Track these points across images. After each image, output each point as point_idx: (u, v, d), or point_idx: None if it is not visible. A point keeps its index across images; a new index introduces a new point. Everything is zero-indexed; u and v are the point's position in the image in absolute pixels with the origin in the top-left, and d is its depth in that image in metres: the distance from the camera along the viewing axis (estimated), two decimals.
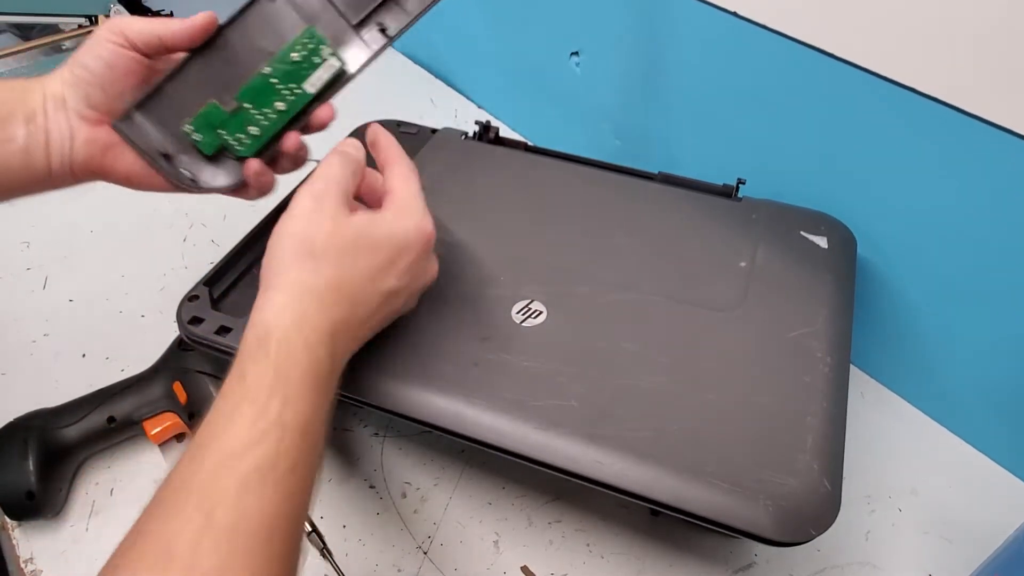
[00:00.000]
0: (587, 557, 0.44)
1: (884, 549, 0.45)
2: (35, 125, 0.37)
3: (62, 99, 0.38)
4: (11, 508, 0.44)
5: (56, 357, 0.56)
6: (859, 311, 0.46)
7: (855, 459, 0.49)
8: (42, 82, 0.38)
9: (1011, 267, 0.42)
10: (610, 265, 0.46)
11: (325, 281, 0.34)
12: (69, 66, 0.38)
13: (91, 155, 0.39)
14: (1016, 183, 0.40)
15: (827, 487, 0.35)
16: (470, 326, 0.42)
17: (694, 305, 0.43)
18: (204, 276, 0.46)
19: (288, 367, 0.31)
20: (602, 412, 0.38)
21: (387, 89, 0.89)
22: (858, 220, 0.50)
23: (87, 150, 0.38)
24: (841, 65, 0.45)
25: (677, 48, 0.56)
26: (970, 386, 0.49)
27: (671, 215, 0.51)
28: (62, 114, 0.38)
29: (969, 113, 0.40)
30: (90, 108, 0.38)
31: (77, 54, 0.38)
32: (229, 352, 0.42)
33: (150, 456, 0.50)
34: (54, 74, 0.38)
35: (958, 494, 0.48)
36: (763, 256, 0.47)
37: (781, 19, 0.48)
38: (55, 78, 0.38)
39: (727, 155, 0.57)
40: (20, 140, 0.37)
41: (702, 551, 0.45)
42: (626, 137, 0.67)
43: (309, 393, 0.31)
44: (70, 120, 0.38)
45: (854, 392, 0.43)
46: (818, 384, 0.39)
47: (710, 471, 0.35)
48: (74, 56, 0.38)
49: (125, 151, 0.39)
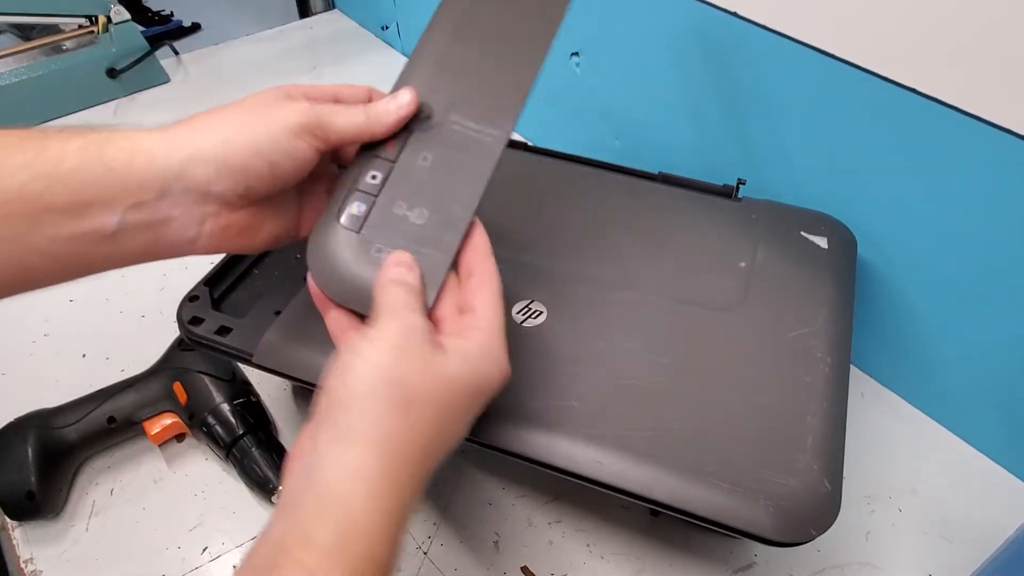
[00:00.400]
0: (587, 557, 0.44)
1: (884, 549, 0.45)
2: (141, 213, 0.29)
3: (203, 190, 0.30)
4: (11, 508, 0.44)
5: (56, 357, 0.56)
6: (859, 311, 0.46)
7: (855, 459, 0.49)
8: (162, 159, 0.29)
9: (1011, 267, 0.42)
10: (610, 265, 0.46)
11: (419, 440, 0.28)
12: (232, 149, 0.30)
13: (220, 240, 0.32)
14: (1016, 183, 0.40)
15: (827, 487, 0.35)
16: None
17: (694, 305, 0.43)
18: (204, 276, 0.46)
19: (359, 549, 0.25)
20: (602, 412, 0.38)
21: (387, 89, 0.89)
22: (858, 220, 0.50)
23: (218, 236, 0.32)
24: (841, 65, 0.45)
25: (677, 48, 0.56)
26: (970, 386, 0.49)
27: (671, 215, 0.51)
28: (194, 202, 0.30)
29: (969, 113, 0.40)
30: (243, 199, 0.32)
31: (248, 136, 0.30)
32: (229, 352, 0.42)
33: (150, 456, 0.50)
34: (195, 152, 0.30)
35: (958, 494, 0.48)
36: (763, 256, 0.47)
37: (781, 19, 0.48)
38: (201, 162, 0.30)
39: (727, 155, 0.57)
40: (109, 229, 0.29)
41: (702, 551, 0.45)
42: (626, 137, 0.67)
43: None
44: (205, 209, 0.31)
45: (854, 392, 0.43)
46: (818, 384, 0.39)
47: (710, 471, 0.35)
48: (238, 133, 0.30)
49: (265, 227, 0.34)
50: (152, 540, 0.46)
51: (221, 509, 0.47)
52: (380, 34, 1.00)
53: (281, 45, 0.99)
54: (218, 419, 0.47)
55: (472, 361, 0.30)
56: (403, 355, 0.28)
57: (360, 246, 0.33)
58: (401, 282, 0.31)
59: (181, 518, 0.47)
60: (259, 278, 0.47)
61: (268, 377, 0.44)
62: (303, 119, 0.32)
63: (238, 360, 0.43)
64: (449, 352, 0.30)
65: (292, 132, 0.31)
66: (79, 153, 0.28)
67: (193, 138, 0.31)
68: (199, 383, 0.49)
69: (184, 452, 0.50)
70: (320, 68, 0.94)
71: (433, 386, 0.28)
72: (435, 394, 0.28)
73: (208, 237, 0.32)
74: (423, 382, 0.28)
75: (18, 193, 0.27)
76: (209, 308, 0.44)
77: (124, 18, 0.85)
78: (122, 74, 0.85)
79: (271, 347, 0.41)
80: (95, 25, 0.85)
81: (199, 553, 0.45)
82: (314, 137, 0.32)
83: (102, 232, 0.29)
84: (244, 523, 0.46)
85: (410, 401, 0.28)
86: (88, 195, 0.28)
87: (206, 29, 1.06)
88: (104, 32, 0.85)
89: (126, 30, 0.86)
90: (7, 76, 0.80)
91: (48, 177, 0.28)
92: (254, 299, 0.45)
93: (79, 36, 0.85)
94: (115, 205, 0.29)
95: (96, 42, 0.85)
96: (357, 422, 0.27)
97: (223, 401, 0.48)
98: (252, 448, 0.47)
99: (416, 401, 0.28)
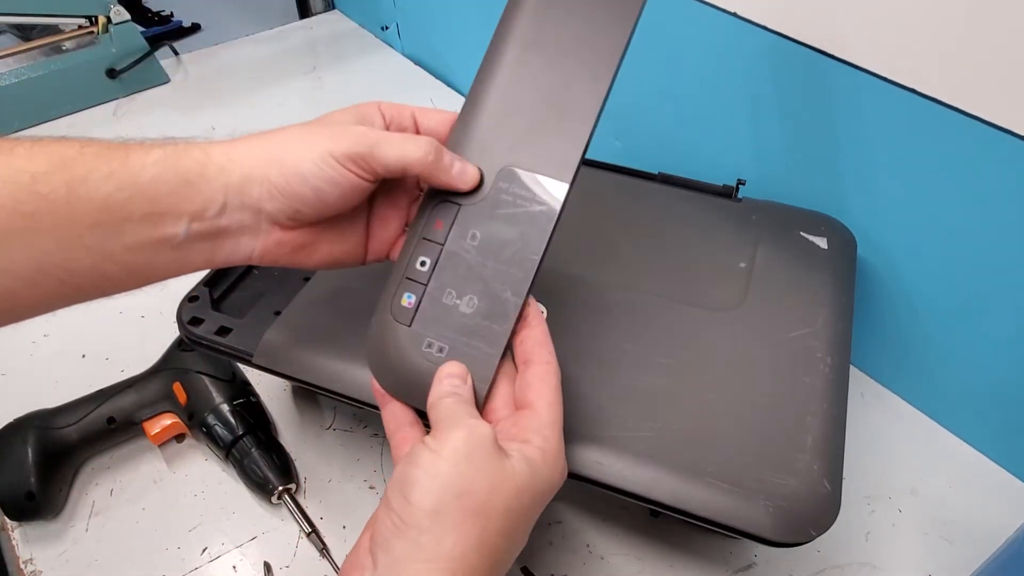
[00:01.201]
0: (587, 557, 0.44)
1: (884, 549, 0.45)
2: (205, 223, 0.30)
3: (256, 207, 0.31)
4: (11, 509, 0.44)
5: (56, 357, 0.56)
6: (859, 311, 0.46)
7: (855, 459, 0.49)
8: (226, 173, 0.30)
9: (1011, 267, 0.42)
10: (610, 265, 0.46)
11: (490, 551, 0.27)
12: (279, 171, 0.30)
13: (275, 257, 0.33)
14: (1016, 183, 0.40)
15: (827, 487, 0.35)
16: None
17: (694, 305, 0.43)
18: (204, 276, 0.46)
19: None
20: (602, 412, 0.38)
21: (387, 89, 0.89)
22: (858, 220, 0.50)
23: (273, 252, 0.33)
24: (841, 65, 0.45)
25: (677, 48, 0.56)
26: (970, 386, 0.49)
27: (671, 215, 0.51)
28: (250, 218, 0.31)
29: (969, 113, 0.40)
30: (293, 220, 0.32)
31: (295, 160, 0.30)
32: (229, 352, 0.42)
33: (150, 457, 0.50)
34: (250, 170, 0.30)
35: (958, 494, 0.48)
36: (763, 256, 0.47)
37: (781, 20, 0.48)
38: (255, 181, 0.30)
39: (727, 155, 0.57)
40: (177, 239, 0.30)
41: (702, 551, 0.45)
42: (626, 137, 0.67)
43: None
44: (260, 225, 0.31)
45: (854, 392, 0.43)
46: (818, 384, 0.39)
47: (710, 471, 0.35)
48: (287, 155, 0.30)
49: (322, 248, 0.34)
50: (152, 540, 0.45)
51: (221, 509, 0.47)
52: (380, 34, 1.00)
53: (281, 45, 0.99)
54: (218, 419, 0.47)
55: (535, 467, 0.29)
56: (470, 464, 0.27)
57: (412, 341, 0.33)
58: (453, 394, 0.31)
59: (181, 518, 0.47)
60: (259, 278, 0.47)
61: (268, 377, 0.43)
62: (351, 147, 0.30)
63: (238, 360, 0.43)
64: (514, 458, 0.29)
65: (338, 159, 0.30)
66: (159, 164, 0.29)
67: (252, 154, 0.31)
68: (199, 383, 0.49)
69: (184, 452, 0.50)
70: (320, 69, 0.94)
71: (502, 496, 0.27)
72: (503, 504, 0.27)
73: (263, 252, 0.32)
74: (491, 491, 0.27)
75: (104, 203, 0.28)
76: (209, 308, 0.44)
77: (124, 18, 0.85)
78: (122, 74, 0.85)
79: (271, 347, 0.41)
80: (95, 25, 0.85)
81: (199, 553, 0.45)
82: (360, 167, 0.31)
83: (171, 241, 0.30)
84: (244, 523, 0.46)
85: (478, 512, 0.27)
86: (164, 205, 0.29)
87: (206, 29, 1.06)
88: (104, 32, 0.85)
89: (126, 30, 0.86)
90: (7, 76, 0.80)
91: (132, 187, 0.28)
92: (254, 299, 0.45)
93: (79, 36, 0.85)
94: (184, 215, 0.29)
95: (96, 42, 0.85)
96: (426, 539, 0.26)
97: (223, 401, 0.48)
98: (252, 448, 0.47)
99: (485, 512, 0.27)
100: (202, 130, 0.82)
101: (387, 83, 0.91)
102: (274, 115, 0.85)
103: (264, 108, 0.86)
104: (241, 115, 0.85)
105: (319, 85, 0.90)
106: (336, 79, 0.91)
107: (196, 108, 0.86)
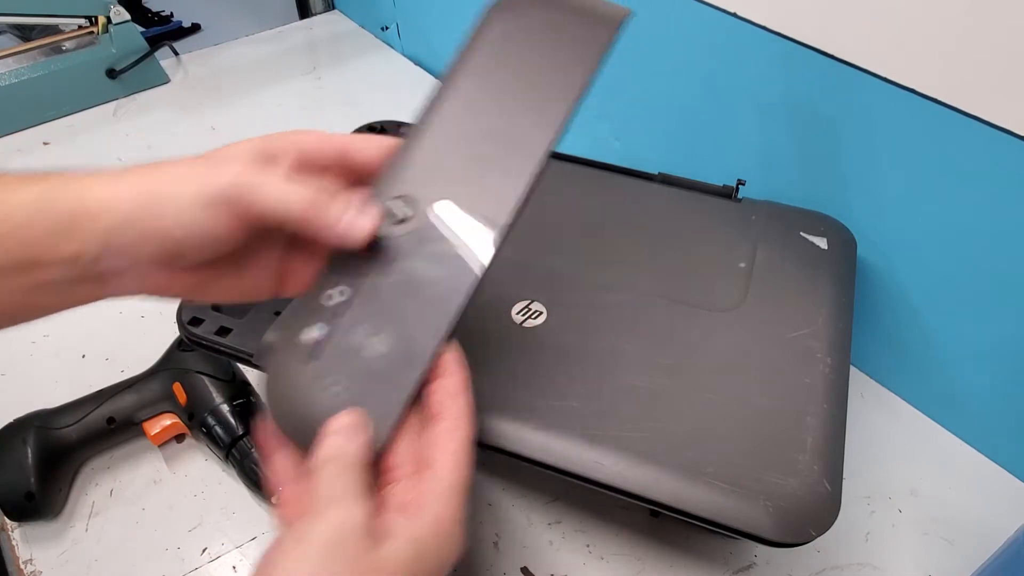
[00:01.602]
0: (587, 558, 0.44)
1: (884, 550, 0.45)
2: (82, 268, 0.28)
3: (132, 254, 0.28)
4: (11, 509, 0.44)
5: (56, 357, 0.56)
6: (859, 311, 0.46)
7: (855, 459, 0.49)
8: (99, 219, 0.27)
9: (1011, 267, 0.42)
10: (610, 265, 0.46)
11: None
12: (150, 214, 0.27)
13: (169, 294, 0.31)
14: (1016, 183, 0.40)
15: (827, 488, 0.35)
16: (470, 327, 0.42)
17: (694, 306, 0.43)
18: None
19: None
20: (602, 412, 0.38)
21: (387, 89, 0.89)
22: (858, 220, 0.50)
23: (164, 290, 0.30)
24: (841, 66, 0.45)
25: (677, 48, 0.56)
26: (970, 386, 0.49)
27: (671, 216, 0.51)
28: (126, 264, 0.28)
29: (969, 113, 0.40)
30: (176, 262, 0.29)
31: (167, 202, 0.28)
32: (229, 352, 0.42)
33: (150, 457, 0.50)
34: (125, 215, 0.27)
35: (958, 494, 0.48)
36: (763, 257, 0.47)
37: (781, 20, 0.48)
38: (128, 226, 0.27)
39: (727, 155, 0.57)
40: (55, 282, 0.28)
41: (702, 551, 0.45)
42: (626, 137, 0.67)
43: None
44: (140, 269, 0.29)
45: (854, 392, 0.42)
46: (818, 385, 0.39)
47: (710, 471, 0.35)
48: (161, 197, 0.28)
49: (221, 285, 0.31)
50: (151, 540, 0.45)
51: (221, 510, 0.47)
52: (380, 35, 1.00)
53: (281, 46, 0.99)
54: (218, 419, 0.47)
55: (422, 546, 0.26)
56: (336, 557, 0.25)
57: (314, 377, 0.29)
58: (337, 458, 0.27)
59: (180, 519, 0.47)
60: None
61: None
62: (222, 190, 0.27)
63: (238, 360, 0.43)
64: (395, 537, 0.26)
65: (211, 201, 0.27)
66: (33, 204, 0.27)
67: (129, 194, 0.28)
68: (199, 383, 0.49)
69: (184, 452, 0.50)
70: (320, 69, 0.94)
71: None
72: None
73: (153, 291, 0.30)
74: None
75: None
76: (209, 308, 0.44)
77: (124, 19, 0.85)
78: (122, 74, 0.85)
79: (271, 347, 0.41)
80: (95, 26, 0.85)
81: (198, 554, 0.45)
82: (233, 213, 0.28)
83: (49, 284, 0.28)
84: (244, 523, 0.46)
85: None
86: (37, 251, 0.27)
87: (206, 30, 1.06)
88: (104, 33, 0.85)
89: (126, 30, 0.86)
90: (7, 76, 0.80)
91: (5, 225, 0.26)
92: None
93: (79, 36, 0.85)
94: (57, 263, 0.27)
95: (96, 42, 0.85)
96: None
97: (223, 402, 0.48)
98: (252, 449, 0.47)
99: None
100: (202, 130, 0.82)
101: (387, 83, 0.91)
102: (274, 115, 0.85)
103: (264, 108, 0.86)
104: (241, 115, 0.85)
105: (319, 85, 0.90)
106: (336, 79, 0.91)
107: (196, 108, 0.86)
